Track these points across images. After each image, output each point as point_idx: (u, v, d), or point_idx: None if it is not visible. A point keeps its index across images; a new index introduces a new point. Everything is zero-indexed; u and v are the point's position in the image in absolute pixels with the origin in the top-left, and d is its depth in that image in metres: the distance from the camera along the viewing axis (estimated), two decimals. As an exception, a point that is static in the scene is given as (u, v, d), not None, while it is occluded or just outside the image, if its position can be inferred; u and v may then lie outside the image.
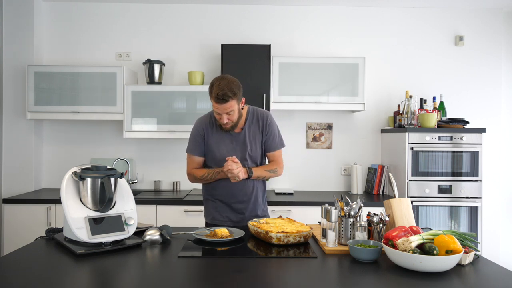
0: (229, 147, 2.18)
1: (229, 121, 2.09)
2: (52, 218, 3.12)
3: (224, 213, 2.23)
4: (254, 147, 2.21)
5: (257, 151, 2.23)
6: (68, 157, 3.70)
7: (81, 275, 1.43)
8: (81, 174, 1.70)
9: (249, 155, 2.19)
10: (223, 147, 2.18)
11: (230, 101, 2.02)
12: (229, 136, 2.19)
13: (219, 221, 2.23)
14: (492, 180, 3.73)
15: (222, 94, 1.99)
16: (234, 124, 2.13)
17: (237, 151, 2.18)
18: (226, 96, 1.99)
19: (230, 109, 2.04)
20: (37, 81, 3.34)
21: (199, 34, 3.73)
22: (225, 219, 2.23)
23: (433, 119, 3.22)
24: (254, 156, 2.21)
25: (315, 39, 3.74)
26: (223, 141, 2.19)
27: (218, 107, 2.04)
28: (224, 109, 2.03)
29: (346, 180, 3.77)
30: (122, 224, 1.72)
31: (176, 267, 1.48)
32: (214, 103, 2.04)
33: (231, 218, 2.23)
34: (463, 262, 1.48)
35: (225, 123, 2.09)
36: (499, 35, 3.73)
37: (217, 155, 2.18)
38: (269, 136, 2.22)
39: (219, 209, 2.24)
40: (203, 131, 2.21)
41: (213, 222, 2.24)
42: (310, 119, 3.75)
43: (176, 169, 3.73)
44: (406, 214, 1.78)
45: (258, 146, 2.22)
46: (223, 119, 2.07)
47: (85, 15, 3.71)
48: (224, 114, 2.06)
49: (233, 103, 2.04)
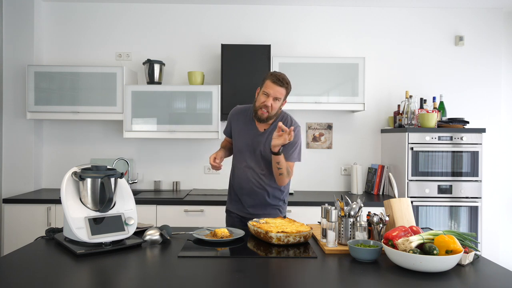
0: (247, 141, 2.24)
1: (270, 107, 2.12)
2: (52, 218, 3.12)
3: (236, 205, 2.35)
4: (269, 147, 2.19)
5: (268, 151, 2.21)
6: (68, 157, 3.70)
7: (81, 275, 1.43)
8: (81, 174, 1.70)
9: (261, 155, 2.22)
10: (242, 139, 2.25)
11: (285, 88, 2.12)
12: (251, 130, 2.24)
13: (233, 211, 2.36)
14: (492, 180, 3.72)
15: (282, 78, 2.11)
16: (270, 115, 2.16)
17: (252, 147, 2.23)
18: (285, 81, 2.12)
19: (280, 95, 2.12)
20: (37, 81, 3.34)
21: (199, 34, 3.73)
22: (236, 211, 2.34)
23: (433, 119, 3.22)
24: (267, 156, 2.21)
25: (315, 39, 3.74)
26: (243, 133, 2.26)
27: (271, 87, 2.11)
28: (276, 92, 2.10)
29: (346, 180, 3.77)
30: (122, 224, 1.72)
31: (176, 267, 1.48)
32: (269, 82, 2.11)
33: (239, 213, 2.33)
34: (463, 262, 1.48)
35: (267, 107, 2.12)
36: (499, 35, 3.73)
37: (236, 144, 2.29)
38: (290, 145, 2.18)
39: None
40: (232, 117, 2.34)
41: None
42: (310, 119, 3.75)
43: (176, 169, 3.73)
44: (406, 214, 1.78)
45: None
46: (268, 101, 2.11)
47: (85, 15, 3.71)
48: (272, 98, 2.11)
49: (284, 92, 2.13)
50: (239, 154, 2.28)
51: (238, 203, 2.32)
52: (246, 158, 2.25)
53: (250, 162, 2.24)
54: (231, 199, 2.37)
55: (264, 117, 2.15)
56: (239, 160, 2.29)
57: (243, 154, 2.26)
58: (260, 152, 2.22)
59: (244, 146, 2.25)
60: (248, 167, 2.25)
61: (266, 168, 2.23)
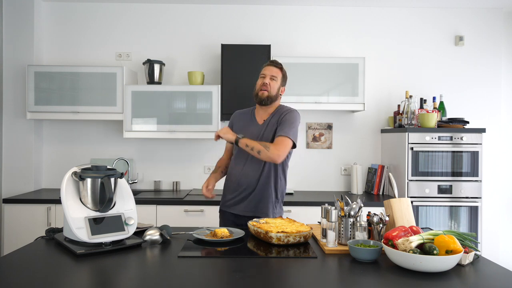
0: (247, 133, 2.26)
1: (268, 85, 2.24)
2: (52, 218, 3.12)
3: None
4: (268, 135, 2.24)
5: (268, 140, 2.23)
6: (68, 157, 3.70)
7: (81, 275, 1.43)
8: (81, 174, 1.70)
9: None
10: (242, 132, 2.28)
11: (279, 68, 2.30)
12: (251, 123, 2.32)
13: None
14: (492, 180, 3.73)
15: (275, 61, 2.33)
16: (270, 95, 2.25)
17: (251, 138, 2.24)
18: (278, 63, 2.32)
19: (275, 74, 2.27)
20: (37, 81, 3.34)
21: (199, 34, 3.73)
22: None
23: (433, 119, 3.22)
24: None
25: (315, 39, 3.74)
26: (244, 127, 2.32)
27: (266, 69, 2.29)
28: (271, 71, 2.27)
29: (346, 180, 3.77)
30: (122, 224, 1.72)
31: (176, 267, 1.48)
32: (264, 67, 2.31)
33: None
34: (463, 262, 1.48)
35: (265, 85, 2.24)
36: (499, 35, 3.73)
37: None
38: (280, 122, 2.23)
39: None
40: (233, 119, 2.42)
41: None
42: (310, 119, 3.75)
43: (176, 169, 3.73)
44: (406, 214, 1.78)
45: (270, 135, 2.24)
46: (266, 79, 2.26)
47: (85, 15, 3.71)
48: (268, 77, 2.26)
49: (279, 72, 2.29)
50: (240, 151, 2.28)
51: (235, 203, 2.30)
52: (247, 154, 2.24)
53: (248, 154, 2.22)
54: (226, 198, 2.36)
55: (265, 96, 2.25)
56: (239, 157, 2.30)
57: (243, 151, 2.24)
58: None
59: None
60: (248, 162, 2.25)
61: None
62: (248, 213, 2.26)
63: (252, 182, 2.26)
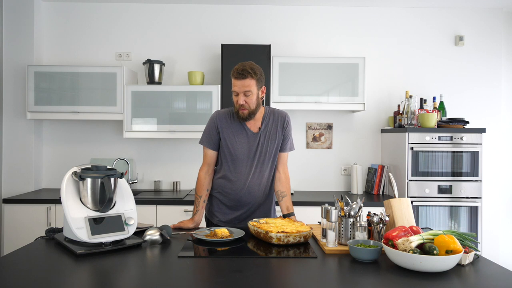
0: (244, 145, 2.10)
1: (245, 103, 2.00)
2: (52, 218, 3.12)
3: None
4: (271, 146, 2.14)
5: (272, 151, 2.14)
6: (68, 157, 3.70)
7: (81, 275, 1.43)
8: (81, 174, 1.70)
9: (262, 154, 2.13)
10: (238, 145, 2.10)
11: (249, 78, 1.97)
12: (245, 133, 2.11)
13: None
14: (492, 180, 3.73)
15: (242, 69, 1.97)
16: (251, 111, 2.02)
17: (251, 151, 2.11)
18: (245, 71, 1.96)
19: (248, 88, 1.98)
20: (37, 81, 3.34)
21: (199, 34, 3.73)
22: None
23: (433, 119, 3.22)
24: (268, 155, 2.14)
25: (315, 39, 3.74)
26: (238, 138, 2.10)
27: (236, 84, 1.99)
28: (241, 86, 1.97)
29: (346, 180, 3.77)
30: (122, 224, 1.72)
31: (176, 267, 1.48)
32: (233, 80, 2.00)
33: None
34: (463, 262, 1.48)
35: (242, 104, 1.99)
36: (499, 35, 3.73)
37: (232, 151, 2.10)
38: (286, 137, 2.18)
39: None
40: (217, 123, 2.12)
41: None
42: (310, 119, 3.75)
43: (176, 169, 3.73)
44: (406, 214, 1.78)
45: (274, 146, 2.14)
46: (239, 100, 1.99)
47: (85, 15, 3.71)
48: (242, 94, 1.99)
49: (251, 83, 1.98)
50: (238, 161, 2.12)
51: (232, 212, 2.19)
52: (249, 167, 2.13)
53: (250, 168, 2.12)
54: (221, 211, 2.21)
55: (246, 115, 2.03)
56: (238, 171, 2.13)
57: (241, 162, 2.12)
58: (259, 155, 2.13)
59: (242, 151, 2.11)
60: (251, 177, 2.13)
61: (267, 170, 2.17)
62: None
63: (258, 199, 2.16)
